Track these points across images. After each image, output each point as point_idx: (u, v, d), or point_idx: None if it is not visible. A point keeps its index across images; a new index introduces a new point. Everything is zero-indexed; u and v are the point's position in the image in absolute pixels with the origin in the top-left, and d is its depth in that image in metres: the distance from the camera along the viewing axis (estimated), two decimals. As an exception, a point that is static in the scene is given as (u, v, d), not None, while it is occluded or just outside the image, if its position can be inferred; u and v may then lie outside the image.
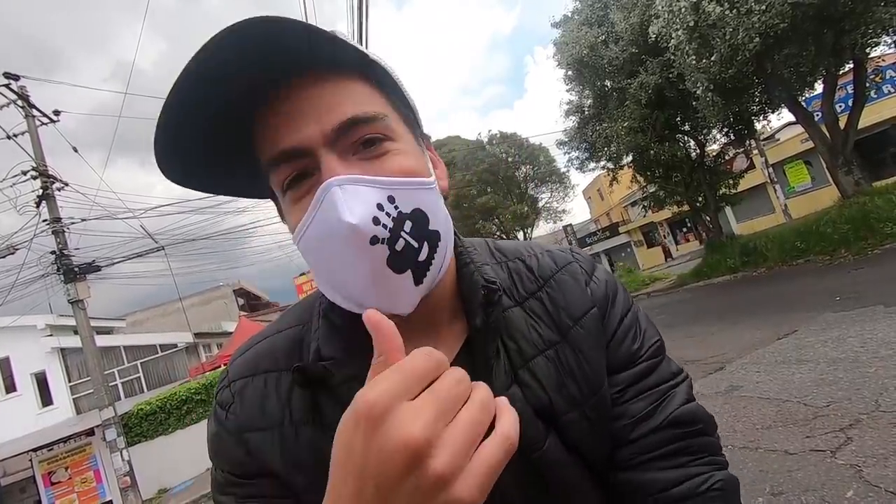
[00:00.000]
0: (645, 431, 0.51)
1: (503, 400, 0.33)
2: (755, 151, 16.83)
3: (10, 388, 16.58)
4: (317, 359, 0.48)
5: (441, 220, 0.47)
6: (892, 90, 16.42)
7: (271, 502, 0.51)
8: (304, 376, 0.48)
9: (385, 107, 0.47)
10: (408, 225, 0.44)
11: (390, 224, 0.42)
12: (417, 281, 0.45)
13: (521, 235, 28.20)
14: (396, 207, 0.43)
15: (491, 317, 0.50)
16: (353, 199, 0.41)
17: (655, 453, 0.50)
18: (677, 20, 9.71)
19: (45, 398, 16.62)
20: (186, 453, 12.61)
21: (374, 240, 0.41)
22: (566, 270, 0.57)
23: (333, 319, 0.51)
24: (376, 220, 0.42)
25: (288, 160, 0.44)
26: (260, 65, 0.40)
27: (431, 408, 0.28)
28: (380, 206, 0.42)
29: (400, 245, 0.43)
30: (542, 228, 32.45)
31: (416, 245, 0.44)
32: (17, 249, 11.00)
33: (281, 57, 0.40)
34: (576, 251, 0.62)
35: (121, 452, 10.86)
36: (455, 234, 0.55)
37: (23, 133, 11.14)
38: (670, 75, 11.58)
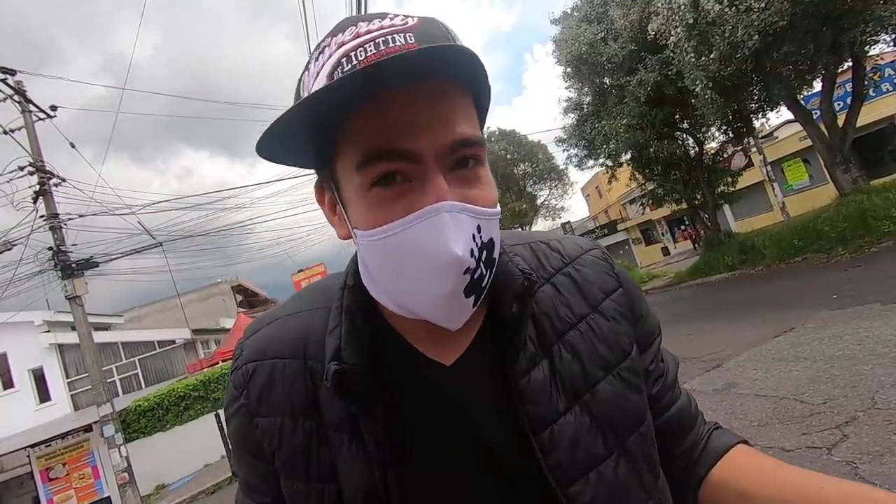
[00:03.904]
0: (671, 381, 0.64)
1: None
2: (754, 149, 16.86)
3: (8, 384, 16.55)
4: (336, 358, 0.48)
5: (499, 245, 0.48)
6: (891, 88, 16.45)
7: (262, 485, 0.54)
8: (340, 381, 0.47)
9: (479, 129, 0.48)
10: (484, 254, 0.45)
11: (477, 254, 0.44)
12: (476, 302, 0.47)
13: (519, 233, 28.28)
14: (481, 238, 0.44)
15: (527, 305, 0.51)
16: (457, 228, 0.42)
17: (676, 389, 0.65)
18: (676, 17, 9.70)
19: (43, 394, 16.60)
20: (184, 449, 12.63)
21: (467, 270, 0.43)
22: (592, 253, 0.60)
23: (357, 322, 0.51)
24: (472, 252, 0.43)
25: (392, 160, 0.43)
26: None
27: None
28: (473, 237, 0.43)
29: (477, 274, 0.44)
30: (540, 225, 32.51)
31: (485, 273, 0.46)
32: (14, 245, 10.96)
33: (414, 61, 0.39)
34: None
35: (119, 449, 10.86)
36: None
37: (19, 128, 11.09)
38: (669, 73, 11.57)
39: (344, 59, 0.42)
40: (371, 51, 0.41)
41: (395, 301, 0.48)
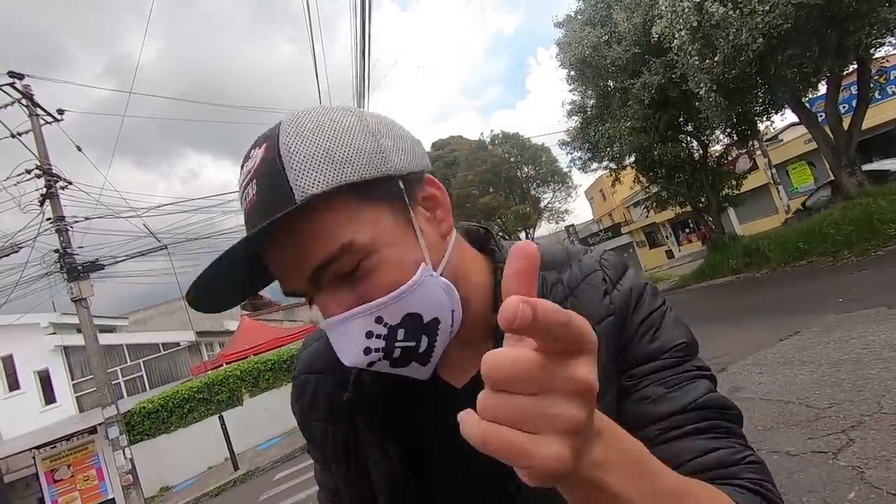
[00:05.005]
0: (670, 410, 0.49)
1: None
2: (758, 152, 16.80)
3: (14, 385, 16.65)
4: (356, 380, 0.56)
5: (436, 303, 0.47)
6: (896, 91, 16.35)
7: (326, 467, 0.65)
8: (349, 408, 0.57)
9: (357, 220, 0.45)
10: (401, 333, 0.46)
11: (382, 344, 0.46)
12: (424, 364, 0.49)
13: (523, 235, 28.20)
14: (386, 325, 0.45)
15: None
16: (343, 339, 0.46)
17: (685, 428, 0.48)
18: (680, 20, 9.69)
19: (48, 396, 16.69)
20: (188, 452, 12.64)
21: (371, 363, 0.47)
22: (588, 280, 0.57)
23: None
24: (367, 350, 0.46)
25: (293, 296, 0.49)
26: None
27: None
28: (369, 334, 0.45)
29: (397, 353, 0.47)
30: (544, 228, 32.48)
31: (413, 344, 0.47)
32: (20, 248, 11.04)
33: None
34: (606, 256, 0.61)
35: (123, 450, 10.90)
36: (494, 241, 0.60)
37: (27, 132, 11.18)
38: (673, 76, 11.56)
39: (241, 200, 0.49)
40: (245, 199, 0.47)
41: None
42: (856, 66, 11.00)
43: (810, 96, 12.60)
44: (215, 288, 0.46)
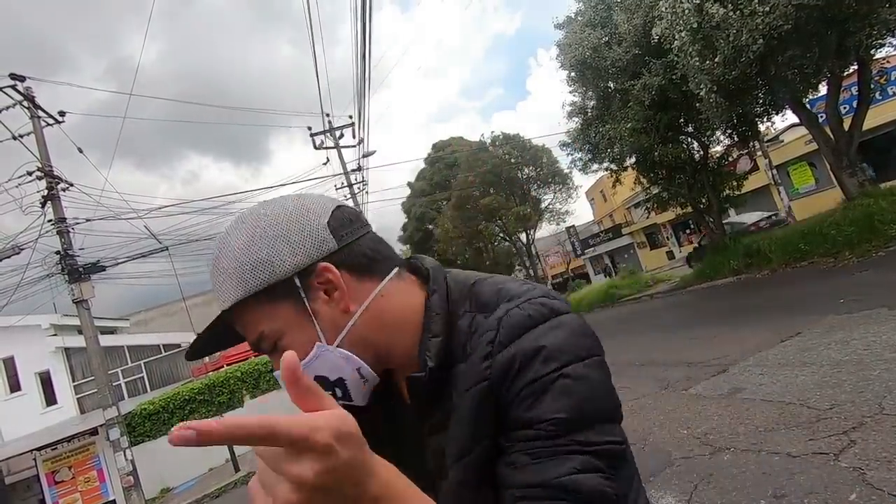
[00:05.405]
0: (525, 481, 0.51)
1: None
2: (759, 153, 16.76)
3: (15, 387, 16.67)
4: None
5: (336, 367, 0.59)
6: (897, 92, 16.34)
7: None
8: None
9: (275, 315, 0.59)
10: (325, 381, 0.59)
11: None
12: (349, 401, 0.61)
13: (523, 237, 28.20)
14: None
15: (424, 393, 0.61)
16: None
17: (533, 502, 0.50)
18: (681, 22, 9.70)
19: (49, 397, 16.70)
20: (189, 453, 12.63)
21: None
22: (482, 337, 0.58)
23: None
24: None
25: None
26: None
27: None
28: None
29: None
30: (544, 230, 32.45)
31: (330, 392, 0.59)
32: (22, 249, 11.06)
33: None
34: (522, 307, 0.59)
35: (124, 452, 10.90)
36: (426, 270, 0.66)
37: (28, 134, 11.21)
38: (673, 77, 11.56)
39: None
40: None
41: None
42: (856, 67, 11.00)
43: (811, 97, 12.60)
44: (205, 343, 0.67)
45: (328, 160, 25.10)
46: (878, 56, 10.92)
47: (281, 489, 0.34)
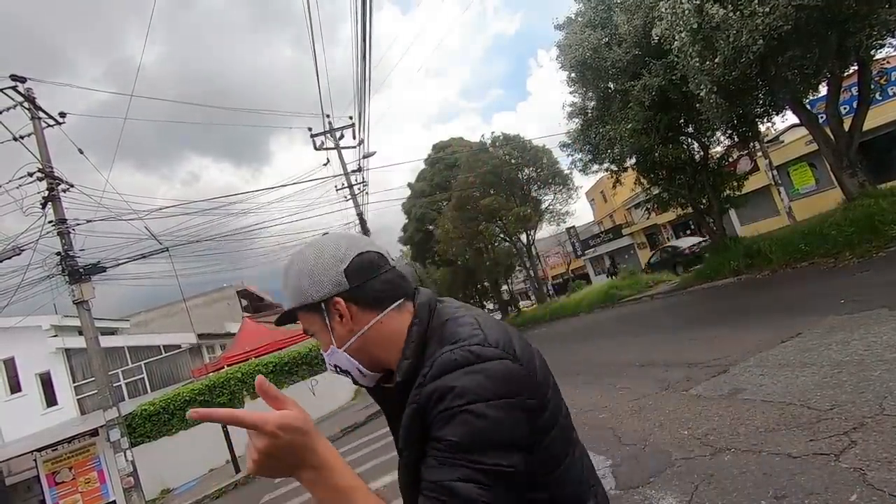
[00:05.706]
0: (425, 476, 0.71)
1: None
2: (759, 154, 16.78)
3: (15, 388, 16.66)
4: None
5: (344, 362, 0.87)
6: (897, 92, 16.34)
7: None
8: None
9: (312, 321, 0.87)
10: (337, 368, 0.90)
11: (333, 368, 0.92)
12: (355, 382, 0.90)
13: (524, 238, 28.17)
14: (332, 364, 0.91)
15: (400, 394, 0.80)
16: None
17: (423, 492, 0.70)
18: (681, 22, 9.70)
19: (50, 398, 16.70)
20: (190, 454, 12.65)
21: (335, 372, 0.92)
22: (422, 370, 0.77)
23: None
24: (334, 368, 0.91)
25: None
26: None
27: None
28: (326, 362, 0.92)
29: (338, 372, 0.91)
30: (545, 230, 32.38)
31: (343, 373, 0.90)
32: (22, 250, 11.06)
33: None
34: (465, 347, 0.75)
35: (124, 453, 10.89)
36: (417, 308, 0.86)
37: (29, 135, 11.21)
38: (674, 77, 11.56)
39: None
40: None
41: None
42: (856, 68, 11.00)
43: (811, 97, 12.59)
44: (283, 318, 0.93)
45: (328, 161, 25.08)
46: (878, 56, 10.92)
47: (250, 451, 0.65)
